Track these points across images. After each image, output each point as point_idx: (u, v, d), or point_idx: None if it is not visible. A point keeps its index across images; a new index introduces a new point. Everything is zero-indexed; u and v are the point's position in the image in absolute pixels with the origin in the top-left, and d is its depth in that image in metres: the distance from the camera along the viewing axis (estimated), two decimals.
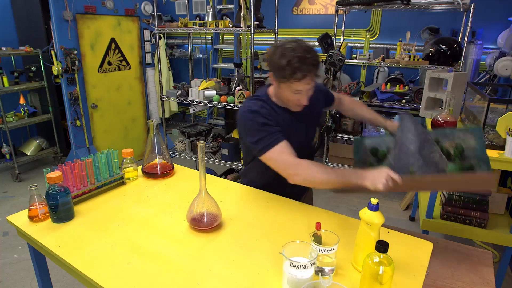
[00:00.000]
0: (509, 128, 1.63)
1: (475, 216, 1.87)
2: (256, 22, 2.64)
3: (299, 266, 0.84)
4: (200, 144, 1.07)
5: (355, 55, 3.75)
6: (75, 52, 3.30)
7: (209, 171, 2.97)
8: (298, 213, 1.27)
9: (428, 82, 2.37)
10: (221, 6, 4.66)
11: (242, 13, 2.54)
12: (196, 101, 3.02)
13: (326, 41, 3.20)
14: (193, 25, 2.84)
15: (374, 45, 3.94)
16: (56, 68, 3.21)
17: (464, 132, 1.31)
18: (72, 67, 3.29)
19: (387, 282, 0.80)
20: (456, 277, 1.07)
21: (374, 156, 1.37)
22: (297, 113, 1.36)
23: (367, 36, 3.98)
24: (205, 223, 1.14)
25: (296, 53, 1.18)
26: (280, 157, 1.21)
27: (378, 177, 1.07)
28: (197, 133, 3.16)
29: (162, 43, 4.26)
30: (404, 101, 3.03)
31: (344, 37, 3.49)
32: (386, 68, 3.76)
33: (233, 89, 2.94)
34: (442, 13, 3.48)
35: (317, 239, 0.94)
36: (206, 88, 3.01)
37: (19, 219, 1.21)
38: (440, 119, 1.97)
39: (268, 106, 1.34)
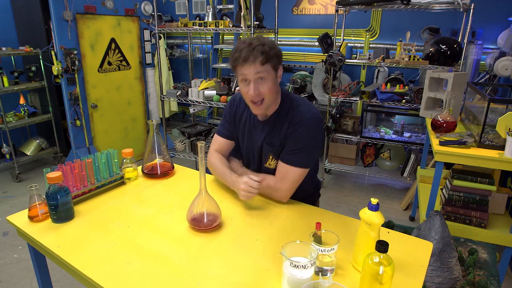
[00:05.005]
0: (509, 128, 1.63)
1: (475, 216, 1.87)
2: (256, 22, 2.65)
3: (299, 266, 0.84)
4: (200, 144, 1.07)
5: (355, 55, 3.74)
6: (75, 52, 3.30)
7: (209, 171, 2.96)
8: (298, 213, 1.27)
9: (428, 82, 2.37)
10: (221, 6, 4.65)
11: (242, 13, 2.54)
12: (196, 101, 3.02)
13: (326, 41, 3.21)
14: (193, 25, 2.84)
15: (374, 45, 3.94)
16: (56, 68, 3.21)
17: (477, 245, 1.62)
18: (72, 67, 3.29)
19: (387, 282, 0.80)
20: None
21: None
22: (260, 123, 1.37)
23: (367, 36, 3.98)
24: (205, 223, 1.13)
25: (245, 41, 1.21)
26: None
27: (238, 189, 1.25)
28: (197, 133, 3.16)
29: (162, 43, 4.25)
30: (404, 101, 3.03)
31: (344, 37, 3.49)
32: (386, 68, 3.75)
33: (233, 89, 2.94)
34: (442, 13, 3.48)
35: (317, 239, 0.94)
36: (206, 88, 3.01)
37: (19, 219, 1.21)
38: (440, 119, 1.97)
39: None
